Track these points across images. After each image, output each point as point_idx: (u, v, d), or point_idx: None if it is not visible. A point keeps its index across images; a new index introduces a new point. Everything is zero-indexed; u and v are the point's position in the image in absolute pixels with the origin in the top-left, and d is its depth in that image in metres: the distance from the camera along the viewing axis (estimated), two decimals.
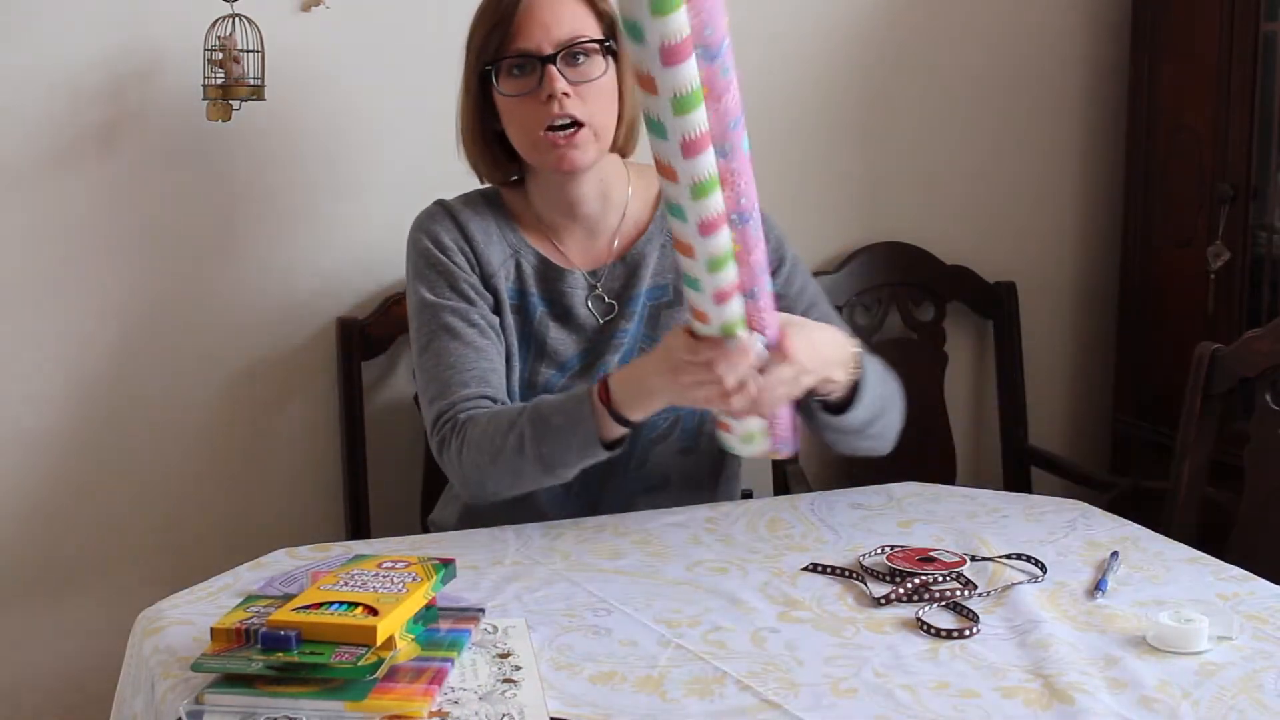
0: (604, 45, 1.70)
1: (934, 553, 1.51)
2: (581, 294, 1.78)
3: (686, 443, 1.80)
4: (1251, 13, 2.28)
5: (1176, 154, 2.45)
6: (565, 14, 1.68)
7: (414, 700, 1.13)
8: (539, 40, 1.67)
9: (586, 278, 1.78)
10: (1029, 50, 2.56)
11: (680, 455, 1.80)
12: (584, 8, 1.71)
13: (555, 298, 1.77)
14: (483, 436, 1.62)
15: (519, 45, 1.68)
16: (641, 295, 1.78)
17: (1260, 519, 1.88)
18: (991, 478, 2.59)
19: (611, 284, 1.78)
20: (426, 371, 1.71)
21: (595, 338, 1.78)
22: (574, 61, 1.68)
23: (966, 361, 2.61)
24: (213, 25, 1.98)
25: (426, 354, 1.71)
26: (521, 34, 1.67)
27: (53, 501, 2.10)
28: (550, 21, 1.67)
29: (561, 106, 1.66)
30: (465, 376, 1.68)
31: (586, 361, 1.77)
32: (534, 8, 1.68)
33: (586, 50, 1.69)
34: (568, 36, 1.68)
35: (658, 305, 1.79)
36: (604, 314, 1.78)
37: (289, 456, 2.20)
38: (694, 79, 1.24)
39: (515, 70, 1.69)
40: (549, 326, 1.77)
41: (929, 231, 2.52)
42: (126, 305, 2.08)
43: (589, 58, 1.69)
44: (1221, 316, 2.36)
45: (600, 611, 1.39)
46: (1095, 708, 1.16)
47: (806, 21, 2.40)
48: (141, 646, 1.35)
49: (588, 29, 1.70)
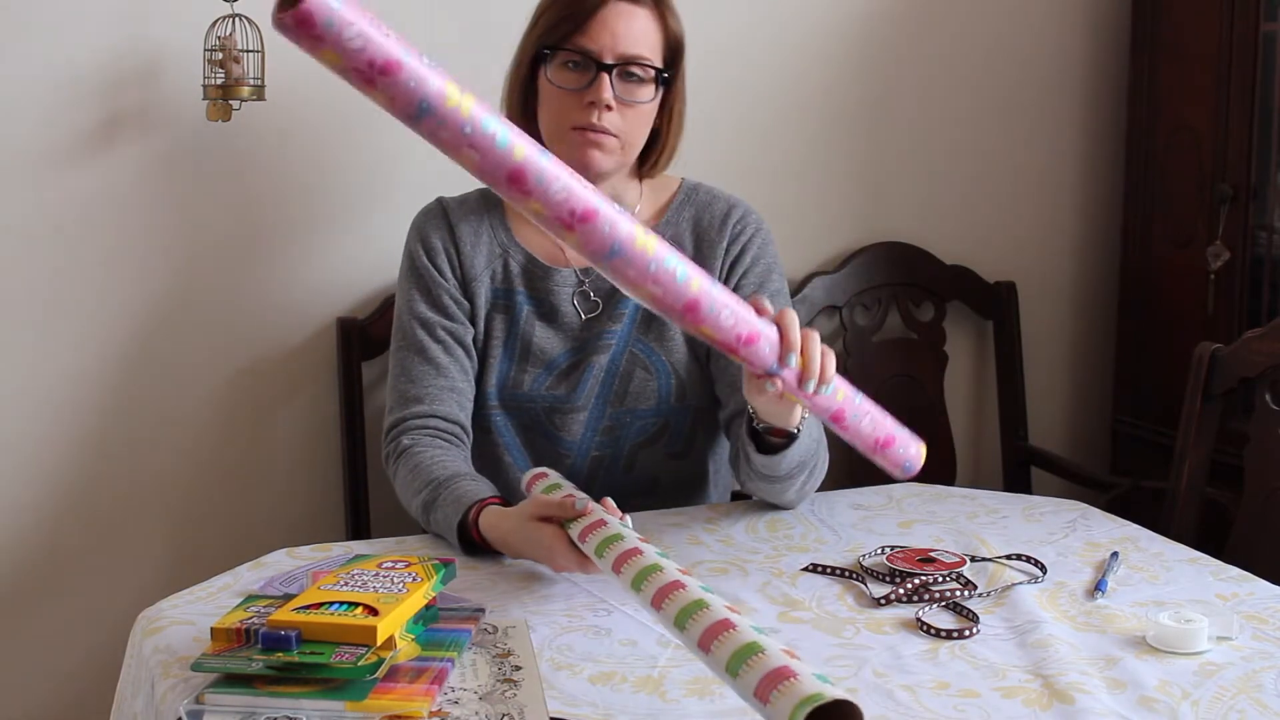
0: (659, 74, 1.71)
1: (934, 553, 1.51)
2: (569, 291, 1.78)
3: (676, 448, 1.80)
4: (1251, 13, 2.28)
5: (1176, 154, 2.45)
6: (637, 30, 1.69)
7: (414, 700, 1.13)
8: (603, 46, 1.68)
9: (578, 274, 1.79)
10: (1029, 50, 2.56)
11: (669, 459, 1.80)
12: (656, 31, 1.72)
13: (542, 296, 1.78)
14: (405, 481, 1.68)
15: (583, 43, 1.68)
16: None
17: (1260, 519, 1.88)
18: (991, 478, 2.59)
19: (601, 282, 1.78)
20: (390, 379, 1.78)
21: (581, 335, 1.78)
22: (627, 78, 1.69)
23: (966, 361, 2.61)
24: (213, 25, 1.98)
25: (393, 362, 1.78)
26: (589, 33, 1.68)
27: (53, 501, 2.10)
28: (621, 32, 1.68)
29: (600, 116, 1.68)
30: (419, 392, 1.73)
31: (573, 360, 1.77)
32: (610, 14, 1.68)
33: (643, 72, 1.70)
34: (631, 53, 1.69)
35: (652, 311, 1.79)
36: (588, 311, 1.78)
37: (289, 456, 2.20)
38: None
39: (570, 64, 1.70)
40: (535, 325, 1.77)
41: (929, 231, 2.52)
42: (126, 305, 2.08)
43: (643, 82, 1.70)
44: (1221, 317, 2.36)
45: (600, 611, 1.39)
46: (1095, 708, 1.16)
47: (807, 22, 2.40)
48: (142, 646, 1.35)
49: (652, 53, 1.71)
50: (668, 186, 1.84)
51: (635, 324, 1.78)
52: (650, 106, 1.73)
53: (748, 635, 1.05)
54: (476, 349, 1.78)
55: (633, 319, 1.78)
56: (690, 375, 1.78)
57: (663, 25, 1.72)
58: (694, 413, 1.80)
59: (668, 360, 1.77)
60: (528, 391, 1.76)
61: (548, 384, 1.76)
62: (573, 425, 1.77)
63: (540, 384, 1.76)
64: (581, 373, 1.76)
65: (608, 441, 1.78)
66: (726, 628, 1.07)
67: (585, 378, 1.76)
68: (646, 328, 1.78)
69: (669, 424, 1.78)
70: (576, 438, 1.77)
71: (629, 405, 1.77)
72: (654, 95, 1.72)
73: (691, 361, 1.78)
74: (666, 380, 1.77)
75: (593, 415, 1.77)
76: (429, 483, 1.62)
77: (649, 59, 1.70)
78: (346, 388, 2.16)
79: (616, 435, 1.78)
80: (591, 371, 1.76)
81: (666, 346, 1.77)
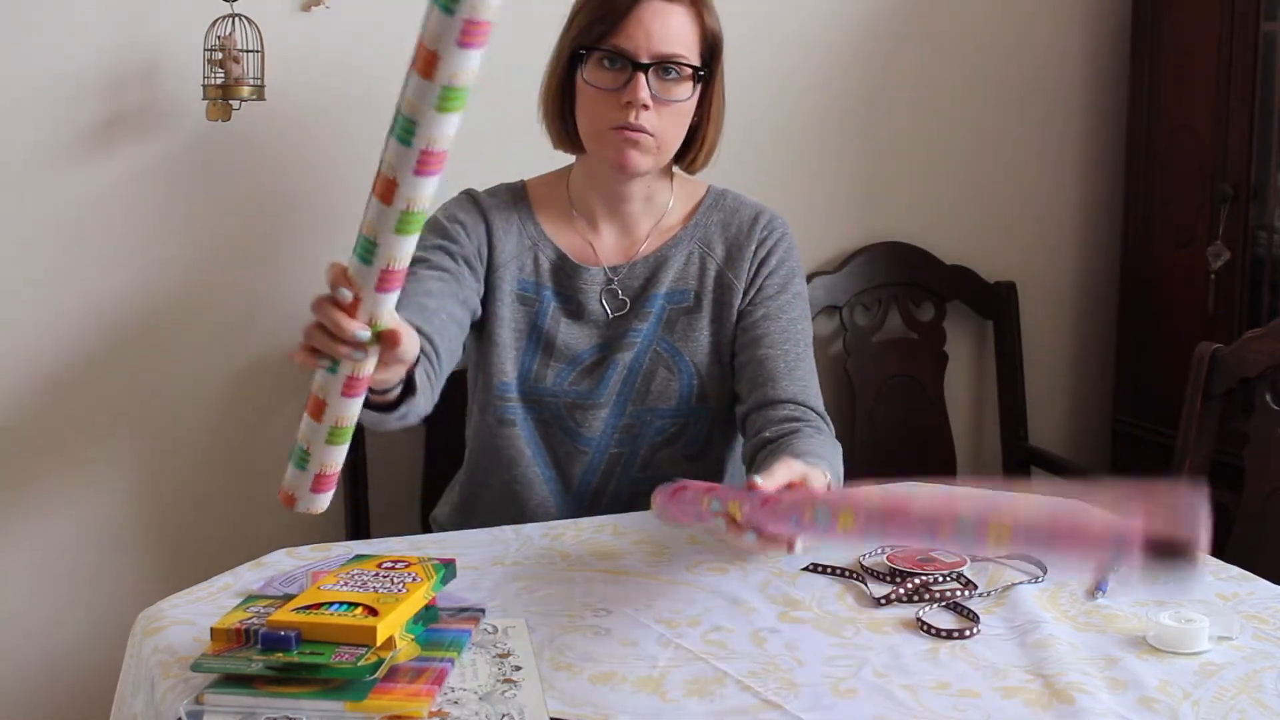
0: (697, 72, 1.70)
1: (934, 553, 1.51)
2: (597, 289, 1.78)
3: (693, 449, 1.81)
4: (1251, 13, 2.28)
5: (1176, 154, 2.45)
6: (673, 27, 1.68)
7: (414, 700, 1.13)
8: (639, 45, 1.67)
9: (607, 272, 1.79)
10: (1029, 50, 2.56)
11: (686, 460, 1.80)
12: (692, 27, 1.70)
13: (569, 294, 1.78)
14: None
15: (618, 43, 1.67)
16: (660, 297, 1.79)
17: (1260, 519, 1.88)
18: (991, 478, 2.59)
19: (630, 281, 1.79)
20: None
21: (606, 333, 1.78)
22: (664, 75, 1.68)
23: (966, 361, 2.61)
24: (213, 25, 1.98)
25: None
26: (625, 32, 1.67)
27: (52, 501, 2.10)
28: (657, 30, 1.67)
29: (637, 116, 1.67)
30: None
31: (598, 357, 1.78)
32: (646, 12, 1.67)
33: (680, 71, 1.69)
34: (667, 52, 1.68)
35: (677, 309, 1.79)
36: (616, 309, 1.78)
37: None
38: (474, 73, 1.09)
39: (606, 63, 1.69)
40: (560, 322, 1.77)
41: (929, 231, 2.52)
42: (126, 305, 2.08)
43: (680, 79, 1.69)
44: (1221, 316, 2.36)
45: (600, 611, 1.39)
46: (1095, 708, 1.16)
47: (807, 22, 2.40)
48: (141, 646, 1.35)
49: (688, 50, 1.70)
50: (696, 190, 1.85)
51: (661, 323, 1.78)
52: (688, 105, 1.72)
53: None
54: (488, 330, 1.76)
55: (659, 318, 1.78)
56: (711, 376, 1.79)
57: (699, 22, 1.71)
58: (713, 414, 1.80)
59: (691, 360, 1.78)
60: (550, 386, 1.76)
61: (571, 379, 1.77)
62: (593, 422, 1.77)
63: (563, 379, 1.77)
64: (605, 369, 1.76)
65: (626, 440, 1.78)
66: None
67: (609, 374, 1.77)
68: (671, 327, 1.78)
69: (688, 424, 1.79)
70: (596, 434, 1.77)
71: (650, 404, 1.77)
72: (691, 94, 1.71)
73: (714, 363, 1.79)
74: (689, 380, 1.78)
75: (613, 413, 1.77)
76: None
77: (685, 57, 1.69)
78: None
79: (635, 434, 1.78)
80: (615, 369, 1.76)
81: (690, 347, 1.78)
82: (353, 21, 2.11)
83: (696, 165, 1.81)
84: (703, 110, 1.76)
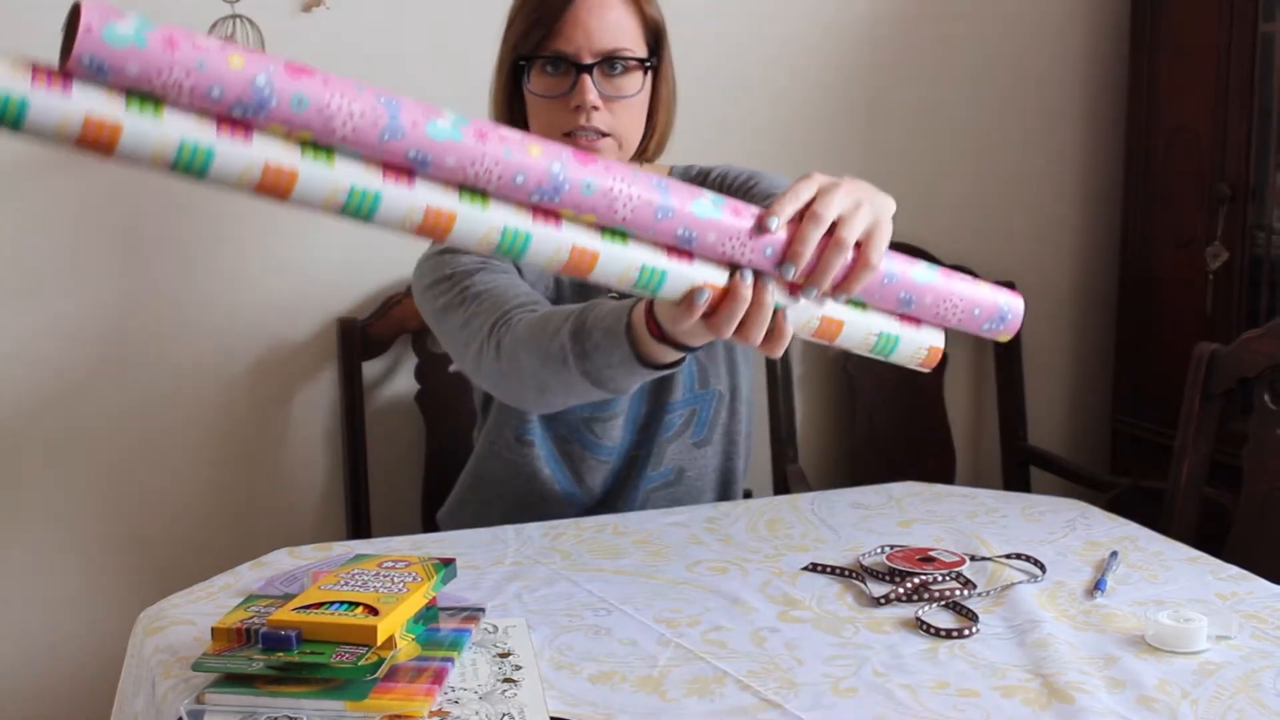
0: (643, 63, 1.65)
1: (933, 552, 1.51)
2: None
3: (700, 436, 1.80)
4: (1250, 13, 2.28)
5: (1176, 154, 2.45)
6: (611, 21, 1.62)
7: (414, 700, 1.14)
8: (579, 45, 1.61)
9: None
10: (1029, 50, 2.57)
11: (693, 448, 1.80)
12: (632, 18, 1.64)
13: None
14: (535, 331, 1.46)
15: (558, 46, 1.61)
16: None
17: (1259, 519, 1.88)
18: (991, 478, 2.60)
19: None
20: (468, 313, 1.58)
21: None
22: (610, 71, 1.62)
23: (966, 361, 2.61)
24: (213, 25, 1.99)
25: (462, 305, 1.59)
26: (562, 35, 1.61)
27: (52, 501, 2.10)
28: (595, 27, 1.61)
29: (589, 119, 1.61)
30: (511, 295, 1.56)
31: None
32: (580, 10, 1.61)
33: (626, 64, 1.63)
34: (609, 47, 1.62)
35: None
36: None
37: (289, 456, 2.20)
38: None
39: (549, 68, 1.63)
40: None
41: (929, 231, 2.52)
42: (126, 305, 2.08)
43: (627, 72, 1.63)
44: (1220, 316, 2.36)
45: (600, 611, 1.39)
46: (1094, 707, 1.16)
47: (806, 21, 2.41)
48: (142, 646, 1.35)
49: (630, 42, 1.64)
50: (658, 173, 1.82)
51: None
52: (640, 98, 1.66)
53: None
54: None
55: None
56: (711, 359, 1.77)
57: (638, 11, 1.65)
58: (715, 397, 1.79)
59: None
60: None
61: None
62: (612, 430, 1.75)
63: None
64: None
65: (644, 440, 1.77)
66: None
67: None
68: None
69: (696, 411, 1.78)
70: (616, 441, 1.76)
71: (660, 401, 1.76)
72: (641, 86, 1.65)
73: (708, 344, 1.76)
74: (689, 365, 1.75)
75: (629, 417, 1.77)
76: (569, 315, 1.42)
77: (630, 50, 1.63)
78: (346, 388, 2.16)
79: (651, 432, 1.77)
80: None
81: None
82: (353, 21, 2.11)
83: (649, 155, 1.75)
84: (653, 101, 1.69)
